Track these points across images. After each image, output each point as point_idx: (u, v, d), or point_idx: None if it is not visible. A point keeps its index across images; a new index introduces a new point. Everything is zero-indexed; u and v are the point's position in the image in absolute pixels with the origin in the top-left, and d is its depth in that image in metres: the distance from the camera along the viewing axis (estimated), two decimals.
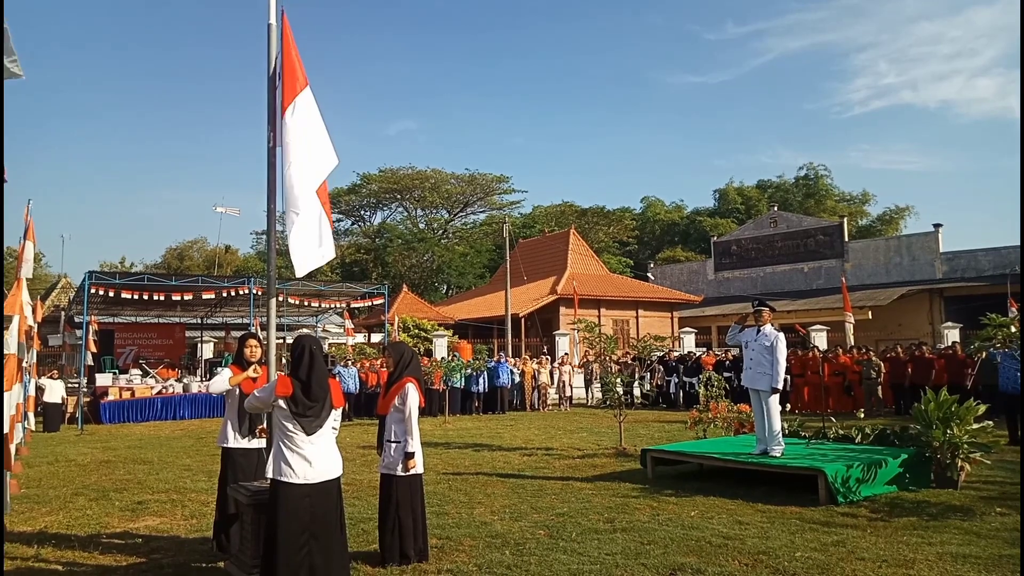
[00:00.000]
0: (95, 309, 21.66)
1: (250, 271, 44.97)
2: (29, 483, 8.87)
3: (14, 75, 3.67)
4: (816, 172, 51.63)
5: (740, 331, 8.49)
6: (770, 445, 7.94)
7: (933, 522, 6.08)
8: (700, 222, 50.94)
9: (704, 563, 4.97)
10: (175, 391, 19.36)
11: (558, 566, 4.97)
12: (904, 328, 29.97)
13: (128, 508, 7.31)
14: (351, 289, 24.39)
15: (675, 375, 20.44)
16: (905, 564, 4.90)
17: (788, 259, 36.78)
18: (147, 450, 12.16)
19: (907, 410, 14.15)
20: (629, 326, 32.65)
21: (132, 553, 5.56)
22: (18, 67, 3.67)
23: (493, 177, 53.36)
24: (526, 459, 10.25)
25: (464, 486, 8.10)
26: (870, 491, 7.14)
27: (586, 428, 14.59)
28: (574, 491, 7.71)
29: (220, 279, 21.70)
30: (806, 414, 15.95)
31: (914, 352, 17.02)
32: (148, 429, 16.15)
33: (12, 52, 3.61)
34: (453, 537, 5.81)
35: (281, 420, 4.22)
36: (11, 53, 3.60)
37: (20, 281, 8.45)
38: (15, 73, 3.66)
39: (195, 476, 9.23)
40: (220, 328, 29.64)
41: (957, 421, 7.38)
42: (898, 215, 47.96)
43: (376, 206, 55.67)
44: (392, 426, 5.26)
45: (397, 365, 5.36)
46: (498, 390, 19.49)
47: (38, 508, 7.35)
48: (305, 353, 4.33)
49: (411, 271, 47.54)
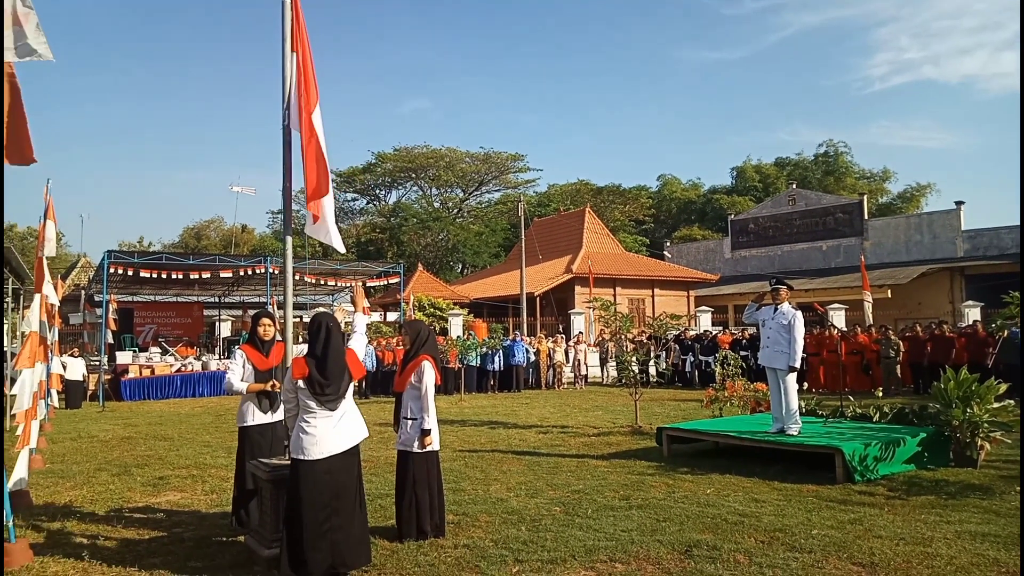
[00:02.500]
0: (114, 288, 21.93)
1: (266, 250, 45.24)
2: (53, 458, 9.04)
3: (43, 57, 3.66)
4: (836, 149, 50.83)
5: (757, 309, 8.43)
6: (787, 424, 7.91)
7: (952, 501, 6.04)
8: (717, 200, 50.42)
9: (720, 540, 4.98)
10: (194, 369, 19.60)
11: (574, 542, 5.00)
12: (924, 307, 29.64)
13: (150, 483, 7.44)
14: (367, 268, 24.48)
15: (691, 354, 20.38)
16: (923, 542, 4.87)
17: (806, 237, 36.37)
18: (167, 427, 12.34)
19: (926, 389, 14.07)
20: (645, 305, 32.54)
21: (154, 527, 5.66)
22: (47, 48, 3.66)
23: (508, 155, 53.10)
24: (541, 437, 10.29)
25: (480, 463, 8.15)
26: (888, 470, 7.10)
27: (601, 406, 14.62)
28: (589, 468, 7.74)
29: (237, 258, 21.90)
30: (823, 393, 15.86)
31: (934, 331, 16.85)
32: (168, 406, 16.37)
33: (40, 34, 3.61)
34: (469, 513, 5.85)
35: (303, 398, 4.29)
36: (39, 34, 3.60)
37: (41, 260, 8.55)
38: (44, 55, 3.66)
39: (215, 452, 9.36)
40: (237, 307, 29.92)
41: (977, 400, 7.30)
42: (919, 193, 47.20)
43: (391, 185, 55.62)
44: (408, 403, 5.29)
45: (413, 343, 5.38)
46: (513, 368, 19.55)
47: (62, 483, 7.49)
48: (321, 330, 4.37)
49: (426, 250, 47.57)
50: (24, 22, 3.53)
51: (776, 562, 4.51)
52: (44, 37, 3.60)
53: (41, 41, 3.59)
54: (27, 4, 3.56)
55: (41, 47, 3.59)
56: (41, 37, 3.59)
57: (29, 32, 3.55)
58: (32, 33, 3.56)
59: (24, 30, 3.53)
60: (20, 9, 3.54)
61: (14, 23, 3.53)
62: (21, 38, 3.54)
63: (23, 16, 3.53)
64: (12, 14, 3.52)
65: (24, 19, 3.53)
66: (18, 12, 3.54)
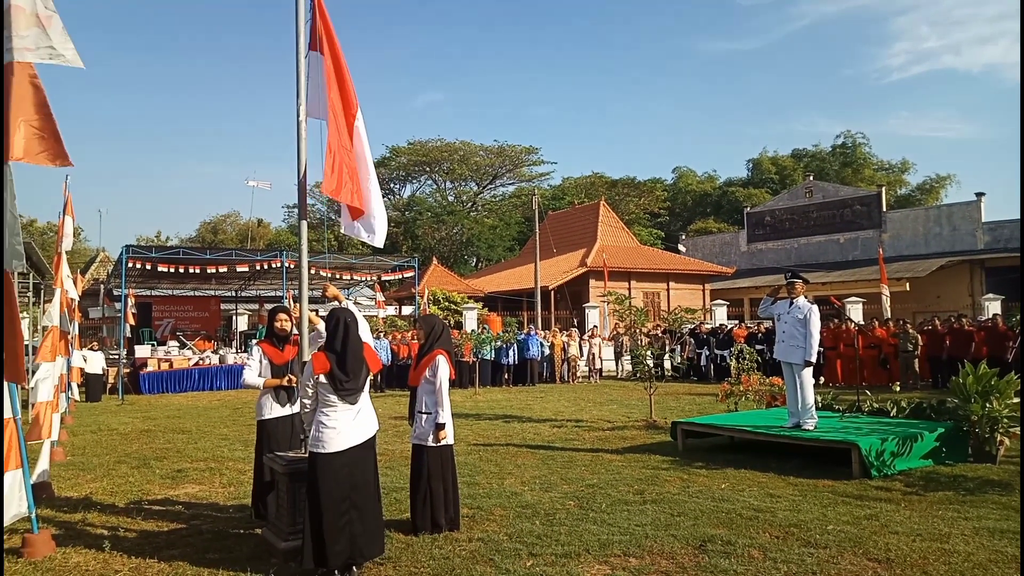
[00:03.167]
0: (133, 282, 22.17)
1: (282, 244, 45.52)
2: (74, 451, 9.18)
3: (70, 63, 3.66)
4: (854, 140, 50.25)
5: (772, 303, 8.38)
6: (803, 418, 7.87)
7: (970, 497, 5.99)
8: (733, 192, 50.07)
9: (734, 535, 4.97)
10: (211, 362, 19.79)
11: (588, 536, 5.01)
12: (943, 300, 29.31)
13: (168, 476, 7.53)
14: (382, 262, 24.56)
15: (706, 348, 20.30)
16: (940, 538, 4.83)
17: (823, 230, 36.05)
18: (185, 420, 12.48)
19: (944, 383, 13.91)
20: (660, 298, 32.44)
21: (173, 519, 5.73)
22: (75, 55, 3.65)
23: (522, 149, 53.06)
24: (556, 431, 10.30)
25: (494, 457, 8.18)
26: (905, 465, 7.04)
27: (616, 400, 14.60)
28: (604, 463, 7.74)
29: (253, 252, 22.03)
30: (840, 387, 15.76)
31: (953, 324, 16.66)
32: (186, 399, 16.56)
33: (67, 39, 3.61)
34: (484, 507, 5.87)
35: (322, 392, 4.33)
36: (66, 40, 3.60)
37: (60, 255, 8.66)
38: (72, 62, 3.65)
39: (232, 445, 9.46)
40: (254, 301, 30.16)
41: (997, 395, 7.22)
42: (939, 184, 46.57)
43: (405, 179, 55.77)
44: (423, 398, 5.31)
45: (428, 337, 5.40)
46: (528, 362, 19.56)
47: (83, 475, 7.60)
48: (340, 325, 4.41)
49: (441, 244, 47.68)
50: (47, 24, 3.51)
51: (791, 558, 4.50)
52: (71, 43, 3.58)
53: (68, 47, 3.57)
54: (48, 7, 3.54)
55: (69, 53, 3.57)
56: (68, 43, 3.57)
57: (54, 36, 3.53)
58: (58, 37, 3.54)
59: (47, 32, 3.52)
60: (42, 11, 3.52)
61: (36, 24, 3.52)
62: (44, 40, 3.53)
63: (45, 18, 3.52)
64: (34, 15, 3.52)
65: (47, 22, 3.51)
66: (40, 14, 3.52)
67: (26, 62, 3.49)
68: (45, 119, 3.60)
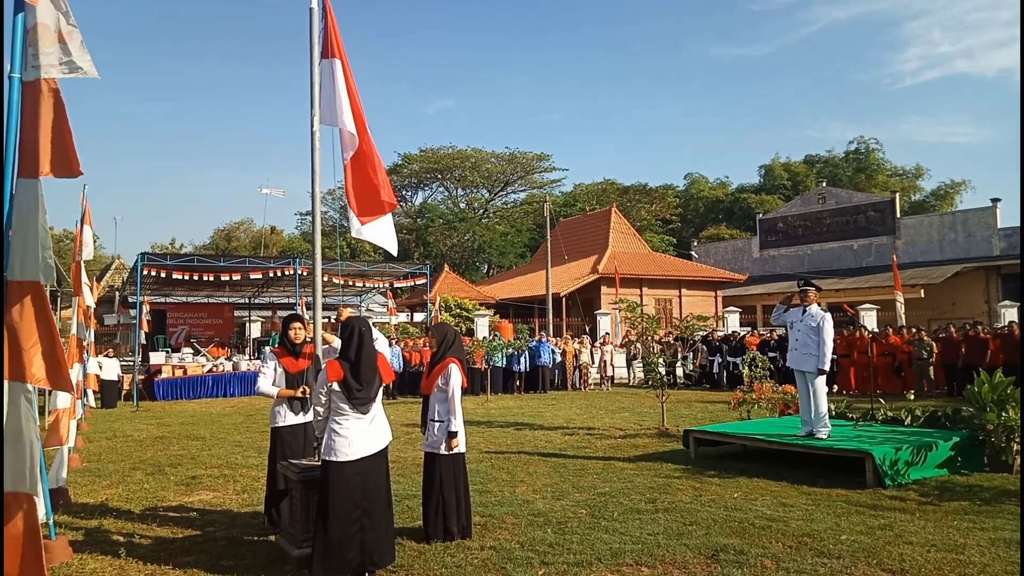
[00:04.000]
0: (148, 289, 22.37)
1: (295, 251, 45.78)
2: (90, 457, 9.27)
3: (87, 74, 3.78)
4: (867, 146, 50.00)
5: (785, 311, 8.35)
6: (816, 427, 7.82)
7: (986, 507, 5.94)
8: (745, 199, 49.90)
9: (747, 544, 4.95)
10: (225, 369, 19.92)
11: (600, 545, 5.01)
12: (958, 307, 29.04)
13: (183, 482, 7.59)
14: (393, 269, 24.65)
15: (718, 355, 20.22)
16: (955, 549, 4.80)
17: (837, 236, 35.83)
18: (199, 426, 12.57)
19: (960, 392, 13.79)
20: (672, 305, 32.33)
21: (188, 526, 5.78)
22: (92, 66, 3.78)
23: (533, 155, 53.11)
24: (568, 439, 10.30)
25: (506, 465, 8.18)
26: (919, 474, 6.99)
27: (628, 408, 14.57)
28: (616, 471, 7.73)
29: (266, 259, 22.19)
30: (854, 395, 15.64)
31: (968, 332, 16.51)
32: (200, 406, 16.67)
33: (85, 52, 3.74)
34: (496, 515, 5.89)
35: (335, 400, 4.37)
36: (84, 52, 3.73)
37: (79, 264, 8.77)
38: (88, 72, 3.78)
39: (246, 452, 9.52)
40: (267, 308, 30.33)
41: (1013, 404, 7.15)
42: (953, 190, 46.20)
43: (417, 186, 55.95)
44: (435, 405, 5.34)
45: (440, 345, 5.44)
46: (539, 369, 19.56)
47: (99, 481, 7.68)
48: (355, 335, 4.44)
49: (452, 251, 47.79)
50: (68, 39, 3.66)
51: (804, 568, 4.48)
52: (89, 56, 3.73)
53: (86, 59, 3.72)
54: (71, 23, 3.69)
55: (86, 64, 3.72)
56: (86, 55, 3.72)
57: (74, 50, 3.68)
58: (77, 51, 3.69)
59: (69, 47, 3.67)
60: (64, 27, 3.68)
61: (59, 40, 3.67)
62: (67, 55, 3.68)
63: (67, 34, 3.67)
64: (57, 32, 3.66)
65: (68, 37, 3.66)
66: (63, 30, 3.67)
67: (51, 77, 3.62)
68: (64, 131, 3.71)
